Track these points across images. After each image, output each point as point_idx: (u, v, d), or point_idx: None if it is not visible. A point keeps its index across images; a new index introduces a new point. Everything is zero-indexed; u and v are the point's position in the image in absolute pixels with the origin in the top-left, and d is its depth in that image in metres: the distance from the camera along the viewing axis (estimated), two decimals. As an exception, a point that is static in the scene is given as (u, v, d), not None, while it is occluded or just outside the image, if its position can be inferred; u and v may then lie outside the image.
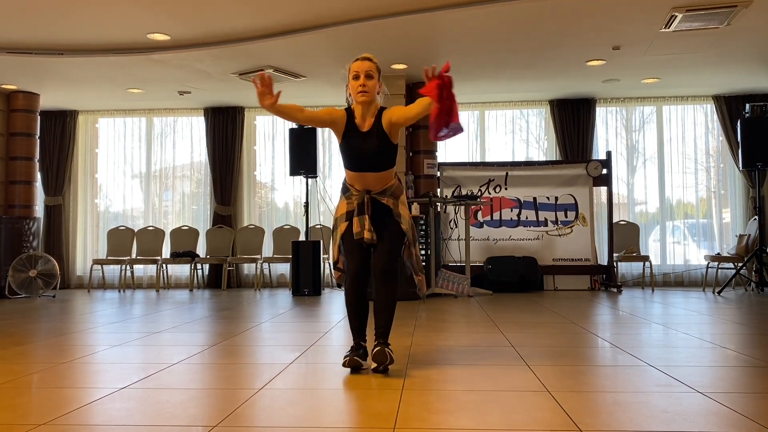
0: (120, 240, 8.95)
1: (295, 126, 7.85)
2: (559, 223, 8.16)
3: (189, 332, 4.39)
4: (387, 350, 2.92)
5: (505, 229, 8.19)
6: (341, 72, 7.21)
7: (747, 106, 7.55)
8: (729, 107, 8.55)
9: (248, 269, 9.15)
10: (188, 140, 9.44)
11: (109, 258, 8.82)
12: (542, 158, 8.93)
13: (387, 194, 3.15)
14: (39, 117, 8.62)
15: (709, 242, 8.80)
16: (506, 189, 8.24)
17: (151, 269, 9.05)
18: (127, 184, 9.55)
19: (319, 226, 8.71)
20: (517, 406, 2.32)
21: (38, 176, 8.75)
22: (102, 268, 9.07)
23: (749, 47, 6.61)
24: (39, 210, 8.89)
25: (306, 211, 8.01)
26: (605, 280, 7.95)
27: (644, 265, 8.38)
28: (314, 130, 7.80)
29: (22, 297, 7.63)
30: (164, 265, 8.82)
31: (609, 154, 8.15)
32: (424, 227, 7.24)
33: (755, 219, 7.55)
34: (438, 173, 8.16)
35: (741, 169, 8.23)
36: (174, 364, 3.20)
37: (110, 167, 9.55)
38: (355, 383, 2.75)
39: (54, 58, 6.76)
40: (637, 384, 2.66)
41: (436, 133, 2.81)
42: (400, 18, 5.72)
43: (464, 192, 8.08)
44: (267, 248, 8.88)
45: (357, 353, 3.01)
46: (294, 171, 7.82)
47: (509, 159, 8.80)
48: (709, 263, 7.92)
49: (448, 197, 7.87)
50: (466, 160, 8.81)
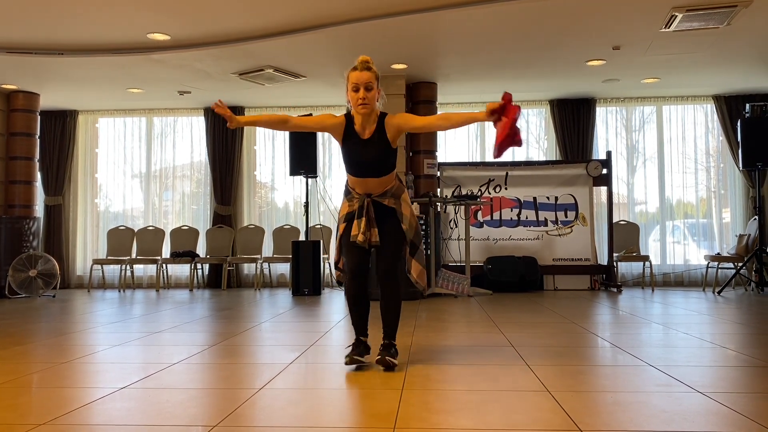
0: (120, 240, 8.95)
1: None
2: (559, 223, 8.16)
3: (189, 332, 4.39)
4: (387, 358, 2.98)
5: (505, 229, 8.19)
6: (341, 72, 7.20)
7: (747, 106, 7.55)
8: (729, 107, 8.55)
9: (248, 269, 9.15)
10: (188, 140, 9.45)
11: (109, 258, 8.82)
12: (542, 158, 8.93)
13: (388, 195, 3.18)
14: (39, 117, 8.62)
15: (709, 242, 8.80)
16: (506, 189, 8.24)
17: (151, 269, 9.05)
18: (127, 184, 9.55)
19: (319, 226, 8.71)
20: (517, 406, 2.32)
21: (38, 176, 8.76)
22: (102, 268, 9.07)
23: (749, 47, 6.61)
24: (39, 210, 8.89)
25: (306, 211, 8.01)
26: (605, 280, 7.95)
27: (644, 265, 8.38)
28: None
29: (22, 297, 7.63)
30: (164, 265, 8.82)
31: (609, 154, 8.15)
32: (424, 227, 7.24)
33: (755, 219, 7.55)
34: (438, 173, 8.16)
35: (741, 169, 8.23)
36: (174, 364, 3.20)
37: (110, 167, 9.55)
38: (355, 383, 2.75)
39: (54, 58, 6.76)
40: (637, 384, 2.66)
41: (501, 153, 2.92)
42: (400, 18, 5.72)
43: (464, 192, 8.08)
44: (267, 248, 8.88)
45: (358, 350, 3.06)
46: (294, 171, 7.82)
47: (509, 159, 8.79)
48: (709, 263, 7.92)
49: (448, 197, 7.87)
50: (466, 160, 8.81)
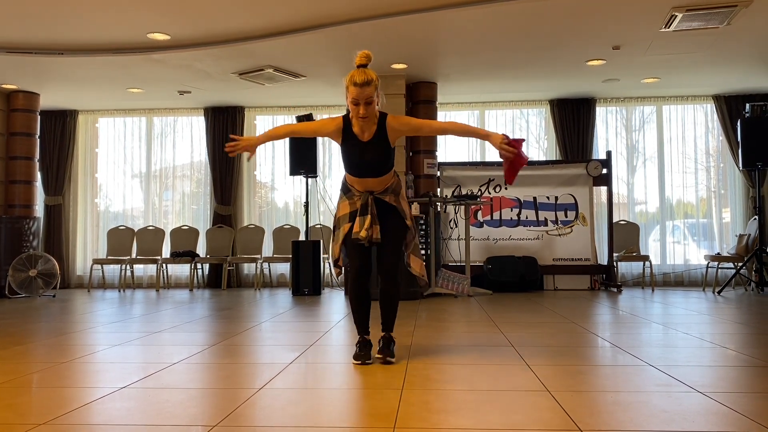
0: (120, 240, 8.95)
1: (295, 126, 7.84)
2: (559, 223, 8.16)
3: (189, 332, 4.39)
4: (388, 358, 3.16)
5: (505, 229, 8.19)
6: (341, 72, 7.21)
7: (747, 106, 7.55)
8: (729, 107, 8.54)
9: (248, 269, 9.15)
10: (188, 140, 9.44)
11: (109, 258, 8.82)
12: (542, 158, 8.93)
13: (389, 192, 3.24)
14: (39, 117, 8.62)
15: (709, 242, 8.80)
16: (506, 189, 8.24)
17: (151, 269, 9.05)
18: (127, 184, 9.55)
19: (319, 226, 8.71)
20: (517, 406, 2.32)
21: (38, 176, 8.75)
22: (102, 268, 9.07)
23: (749, 47, 6.61)
24: (39, 210, 8.89)
25: (306, 211, 8.01)
26: (605, 280, 7.94)
27: (644, 265, 8.38)
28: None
29: (22, 297, 7.63)
30: (164, 265, 8.82)
31: (609, 154, 8.15)
32: (424, 227, 7.24)
33: (755, 219, 7.55)
34: (438, 173, 8.16)
35: (741, 169, 8.23)
36: (174, 364, 3.20)
37: (110, 167, 9.55)
38: (355, 383, 2.75)
39: (54, 58, 6.76)
40: (637, 384, 2.66)
41: (513, 180, 3.25)
42: (400, 18, 5.71)
43: (464, 192, 8.08)
44: (267, 248, 8.88)
45: (366, 350, 3.21)
46: (294, 171, 7.82)
47: (509, 159, 8.79)
48: (709, 263, 7.92)
49: (448, 197, 7.87)
50: (466, 160, 8.81)
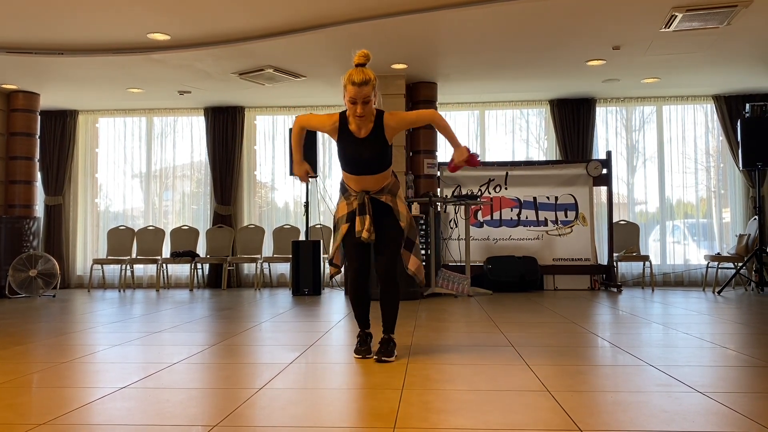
0: (120, 240, 8.95)
1: (295, 126, 7.84)
2: (559, 223, 8.16)
3: (189, 332, 4.39)
4: (384, 358, 3.18)
5: (505, 229, 8.19)
6: (341, 72, 7.20)
7: (747, 106, 7.55)
8: (729, 107, 8.54)
9: (248, 269, 9.15)
10: (188, 140, 9.45)
11: (109, 258, 8.82)
12: (542, 158, 8.93)
13: (385, 192, 3.21)
14: (39, 117, 8.62)
15: (709, 242, 8.80)
16: (506, 189, 8.24)
17: (151, 269, 9.05)
18: (127, 184, 9.55)
19: (319, 226, 8.71)
20: (517, 406, 2.32)
21: (38, 176, 8.75)
22: (102, 268, 9.07)
23: (749, 47, 6.61)
24: (39, 210, 8.89)
25: (306, 211, 8.01)
26: (605, 280, 7.94)
27: (644, 265, 8.38)
28: (314, 131, 7.79)
29: (22, 297, 7.63)
30: (164, 265, 8.82)
31: (609, 154, 8.15)
32: (424, 227, 7.24)
33: (755, 219, 7.55)
34: (438, 173, 8.16)
35: (741, 169, 8.23)
36: (174, 364, 3.20)
37: (110, 167, 9.55)
38: (355, 383, 2.75)
39: (54, 58, 6.76)
40: (637, 384, 2.66)
41: (454, 171, 3.28)
42: (400, 18, 5.72)
43: (464, 192, 8.08)
44: (267, 248, 8.88)
45: (365, 343, 3.31)
46: (294, 171, 7.80)
47: (509, 159, 8.81)
48: (709, 263, 7.92)
49: (448, 197, 7.87)
50: (466, 160, 8.80)
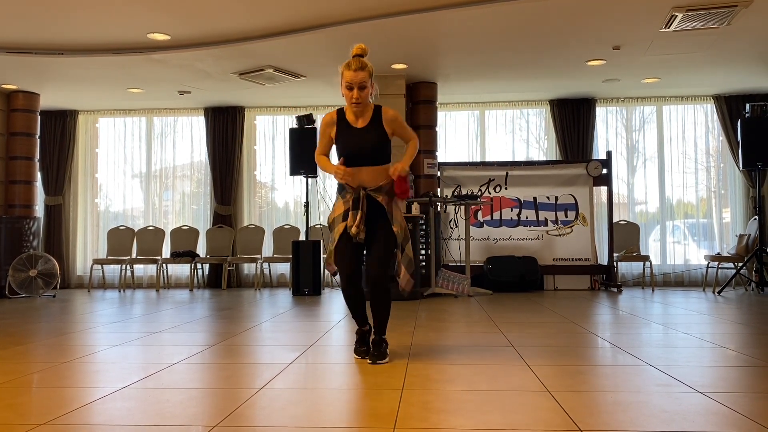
0: (120, 240, 8.95)
1: (296, 125, 7.86)
2: (559, 223, 8.16)
3: (189, 332, 4.39)
4: (378, 362, 3.15)
5: (505, 229, 8.19)
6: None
7: (747, 106, 7.55)
8: (729, 107, 8.54)
9: (248, 269, 9.15)
10: (188, 140, 9.45)
11: (109, 258, 8.82)
12: (542, 158, 8.93)
13: (382, 192, 3.17)
14: (39, 117, 8.62)
15: (709, 242, 8.80)
16: (506, 189, 8.24)
17: (151, 269, 9.05)
18: (127, 184, 9.55)
19: (319, 226, 8.71)
20: (517, 406, 2.32)
21: (38, 176, 8.75)
22: (102, 268, 9.07)
23: (749, 47, 6.61)
24: (39, 210, 8.89)
25: (306, 211, 8.01)
26: (605, 280, 7.94)
27: (644, 265, 8.38)
28: (314, 130, 7.80)
29: (22, 297, 7.63)
30: (164, 265, 8.82)
31: (609, 154, 8.15)
32: (424, 227, 7.24)
33: (755, 219, 7.55)
34: (438, 173, 8.16)
35: (741, 169, 8.23)
36: (174, 364, 3.20)
37: (110, 167, 9.55)
38: (355, 383, 2.75)
39: (54, 58, 6.76)
40: (637, 384, 2.66)
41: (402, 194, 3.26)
42: (400, 18, 5.71)
43: (464, 192, 8.08)
44: (267, 248, 8.88)
45: (364, 343, 3.31)
46: (294, 171, 7.81)
47: (509, 159, 8.80)
48: (709, 263, 7.92)
49: (448, 197, 7.87)
50: (466, 160, 8.81)
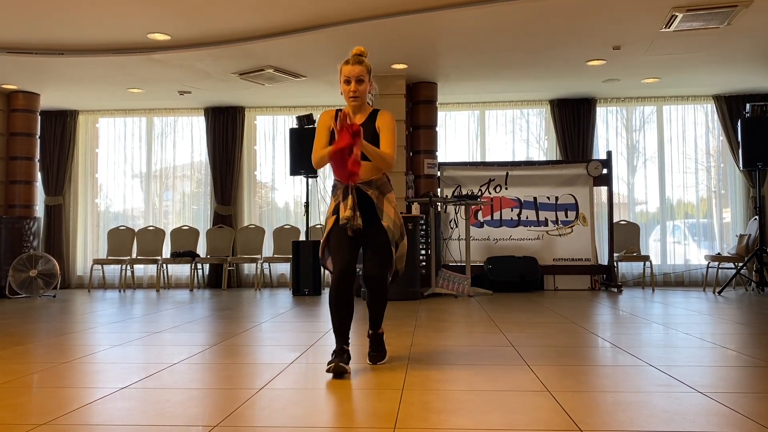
0: (120, 240, 8.95)
1: (296, 126, 7.86)
2: (560, 223, 8.16)
3: (189, 332, 4.39)
4: (379, 362, 3.18)
5: (506, 229, 8.19)
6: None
7: (747, 106, 7.55)
8: (729, 107, 8.54)
9: (248, 269, 9.15)
10: (188, 140, 9.44)
11: (110, 258, 8.82)
12: (542, 158, 8.93)
13: (372, 186, 3.12)
14: (39, 117, 8.62)
15: (710, 242, 8.79)
16: (506, 189, 8.24)
17: (152, 269, 9.05)
18: (128, 184, 9.55)
19: (320, 226, 8.70)
20: (517, 406, 2.32)
21: (38, 176, 8.75)
22: (102, 268, 9.07)
23: (749, 47, 6.61)
24: (39, 210, 8.89)
25: (306, 211, 8.01)
26: (605, 280, 7.94)
27: (644, 265, 8.38)
28: (314, 130, 7.78)
29: (23, 297, 7.63)
30: (164, 265, 8.82)
31: (609, 154, 8.15)
32: (425, 227, 7.24)
33: (755, 219, 7.55)
34: (438, 173, 8.16)
35: (741, 169, 8.23)
36: (174, 364, 3.20)
37: (110, 167, 9.55)
38: (355, 383, 2.75)
39: (54, 58, 6.76)
40: (637, 384, 2.66)
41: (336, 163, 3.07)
42: (400, 18, 5.71)
43: (464, 192, 8.08)
44: (267, 248, 8.88)
45: (341, 358, 2.93)
46: (294, 171, 7.81)
47: (509, 159, 8.80)
48: (710, 263, 7.91)
49: (449, 197, 7.87)
50: (467, 160, 8.81)
